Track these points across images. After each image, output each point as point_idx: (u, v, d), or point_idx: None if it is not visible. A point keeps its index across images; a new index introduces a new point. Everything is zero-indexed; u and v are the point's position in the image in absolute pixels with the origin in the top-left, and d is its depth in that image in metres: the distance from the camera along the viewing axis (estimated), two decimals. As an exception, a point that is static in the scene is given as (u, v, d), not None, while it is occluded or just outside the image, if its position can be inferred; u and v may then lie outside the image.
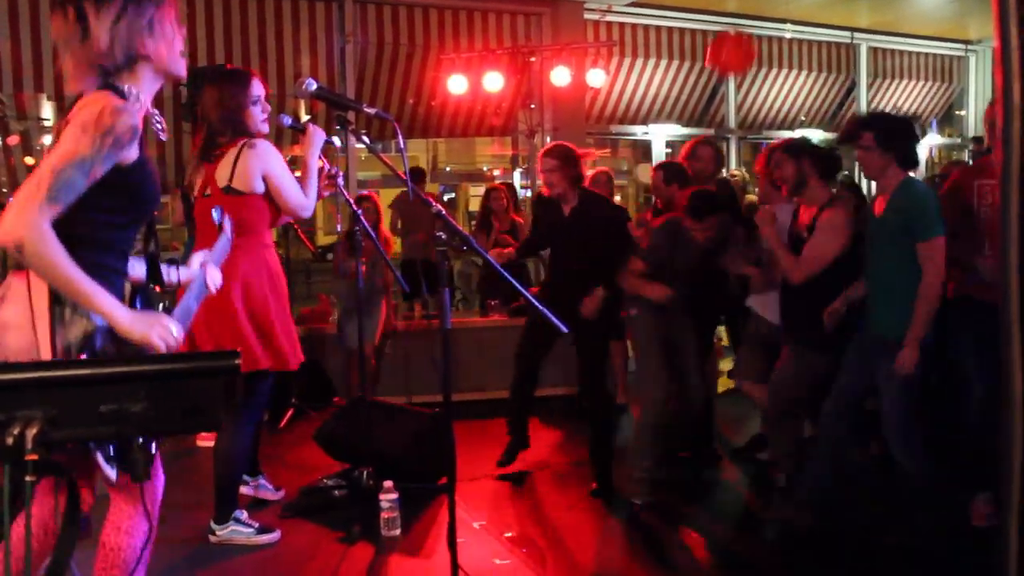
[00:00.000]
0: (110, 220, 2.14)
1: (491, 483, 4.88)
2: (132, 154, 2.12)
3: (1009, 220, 1.80)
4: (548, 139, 8.64)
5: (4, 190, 7.71)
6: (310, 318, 7.12)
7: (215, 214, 2.85)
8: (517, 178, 9.40)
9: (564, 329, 2.85)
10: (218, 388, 1.50)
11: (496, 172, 18.11)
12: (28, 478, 1.32)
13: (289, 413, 6.08)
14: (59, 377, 1.41)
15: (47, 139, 7.75)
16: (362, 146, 7.23)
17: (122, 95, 2.14)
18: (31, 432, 1.34)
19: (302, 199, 3.80)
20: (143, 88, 2.22)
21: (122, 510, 2.32)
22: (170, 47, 2.25)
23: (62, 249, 1.96)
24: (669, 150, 10.10)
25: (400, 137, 2.98)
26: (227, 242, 2.82)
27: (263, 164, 3.73)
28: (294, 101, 8.32)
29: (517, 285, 2.88)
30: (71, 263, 1.97)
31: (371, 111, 2.99)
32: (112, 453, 2.06)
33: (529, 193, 8.83)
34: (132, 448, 2.08)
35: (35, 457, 1.33)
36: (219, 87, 3.83)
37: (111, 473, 2.06)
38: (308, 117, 8.28)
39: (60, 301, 2.04)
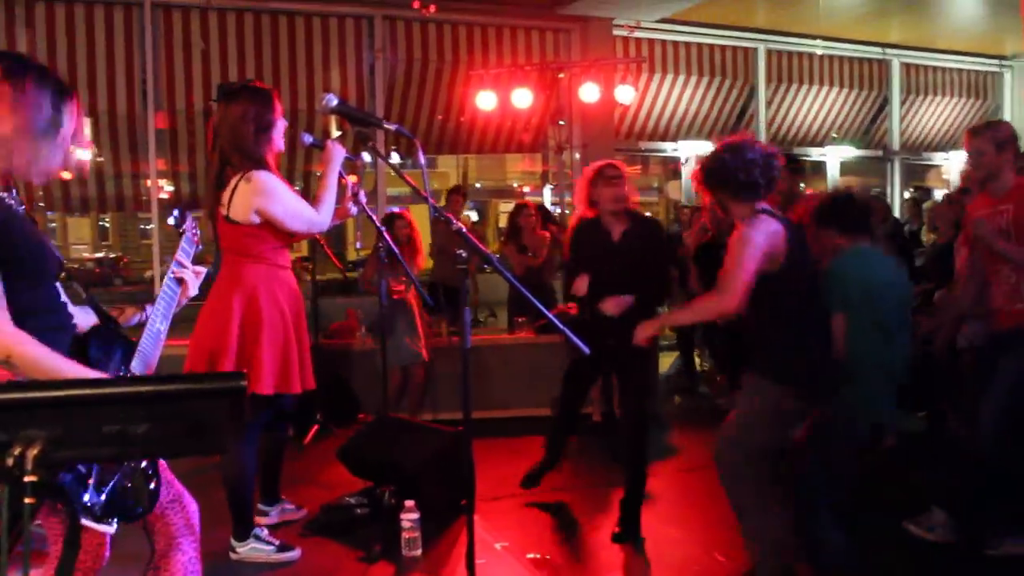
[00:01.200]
0: (17, 288, 2.08)
1: (515, 503, 4.82)
2: None
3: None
4: (576, 156, 8.63)
5: (41, 204, 7.81)
6: (338, 333, 7.12)
7: (171, 219, 2.66)
8: (547, 194, 9.37)
9: (586, 350, 2.80)
10: (223, 410, 1.46)
11: (526, 188, 18.11)
12: (27, 500, 1.30)
13: (314, 429, 6.06)
14: (62, 397, 1.38)
15: (80, 153, 7.86)
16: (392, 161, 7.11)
17: None
18: (32, 453, 1.32)
19: (312, 218, 3.75)
20: None
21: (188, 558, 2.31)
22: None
23: (36, 341, 2.00)
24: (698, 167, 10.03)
25: (421, 154, 2.96)
26: (188, 242, 2.61)
27: (257, 200, 3.66)
28: (325, 117, 8.36)
29: (540, 306, 2.84)
30: (51, 352, 2.01)
31: (392, 127, 2.97)
32: None
33: (558, 210, 8.79)
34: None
35: (35, 478, 1.30)
36: (245, 105, 3.76)
37: None
38: (339, 133, 8.30)
39: None
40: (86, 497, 2.02)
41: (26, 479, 1.29)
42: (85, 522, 2.01)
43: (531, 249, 7.55)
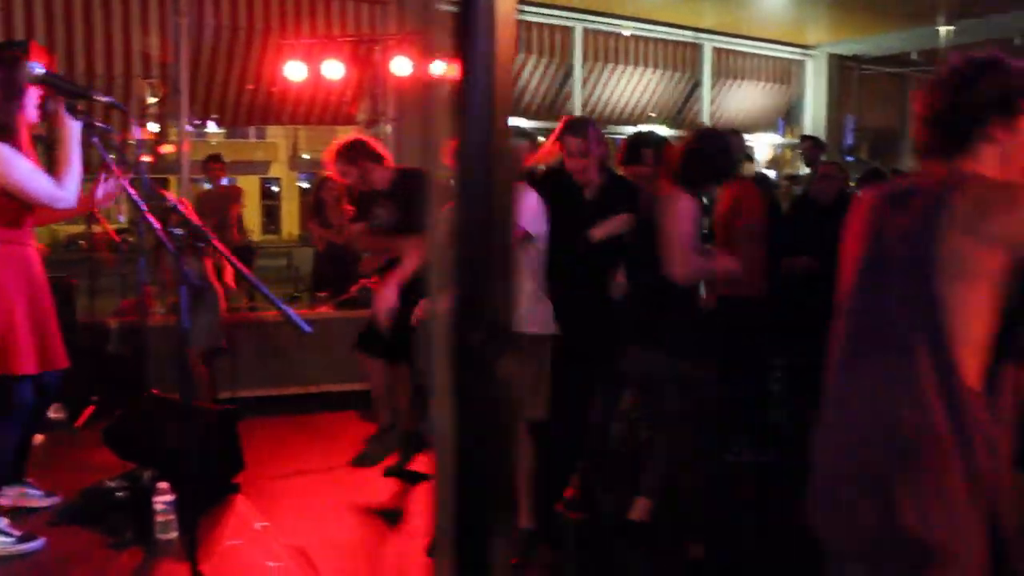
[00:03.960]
0: None
1: (289, 483, 4.77)
2: None
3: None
4: (389, 129, 8.54)
5: None
6: (127, 311, 6.82)
7: None
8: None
9: (307, 328, 2.77)
10: None
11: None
12: None
13: (89, 411, 5.78)
14: None
15: None
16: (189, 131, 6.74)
17: None
18: None
19: (52, 192, 3.58)
20: None
21: None
22: None
23: None
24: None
25: (136, 128, 2.86)
26: None
27: None
28: (139, 82, 7.94)
29: (259, 285, 2.79)
30: None
31: (103, 99, 2.85)
32: None
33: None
34: None
35: None
36: None
37: None
38: (156, 100, 7.90)
39: None
40: None
41: None
42: None
43: (335, 224, 7.47)
